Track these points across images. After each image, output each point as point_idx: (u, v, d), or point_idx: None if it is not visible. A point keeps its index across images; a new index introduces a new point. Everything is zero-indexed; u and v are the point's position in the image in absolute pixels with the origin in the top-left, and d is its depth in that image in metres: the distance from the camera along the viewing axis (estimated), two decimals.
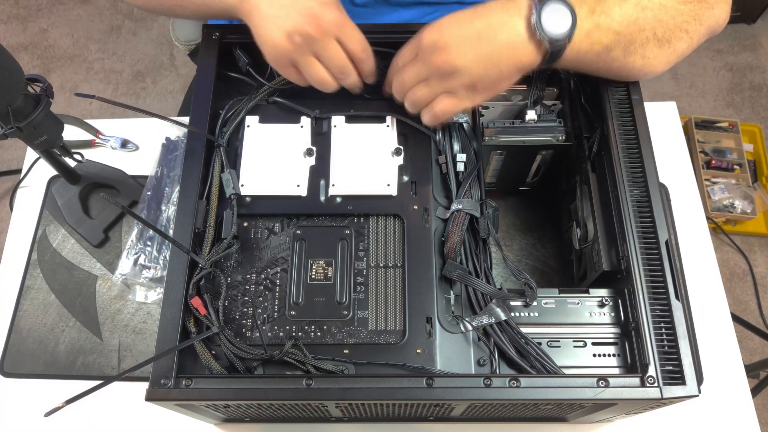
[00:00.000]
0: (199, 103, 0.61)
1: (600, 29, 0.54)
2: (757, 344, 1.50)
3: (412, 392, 0.48)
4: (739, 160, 1.68)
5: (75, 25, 2.00)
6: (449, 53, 0.52)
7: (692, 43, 0.58)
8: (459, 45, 0.52)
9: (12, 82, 0.60)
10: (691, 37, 0.57)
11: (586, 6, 0.53)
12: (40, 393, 0.72)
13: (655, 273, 0.52)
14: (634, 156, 0.57)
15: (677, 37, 0.56)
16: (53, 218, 0.82)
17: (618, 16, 0.54)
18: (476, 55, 0.52)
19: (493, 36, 0.52)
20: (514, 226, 0.80)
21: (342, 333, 0.55)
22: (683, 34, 0.57)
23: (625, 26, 0.54)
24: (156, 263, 0.76)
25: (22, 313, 0.76)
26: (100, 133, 0.86)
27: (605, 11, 0.54)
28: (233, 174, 0.59)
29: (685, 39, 0.57)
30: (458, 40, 0.52)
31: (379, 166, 0.61)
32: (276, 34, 0.55)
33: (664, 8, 0.55)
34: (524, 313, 0.56)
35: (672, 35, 0.56)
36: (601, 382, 0.48)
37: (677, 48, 0.57)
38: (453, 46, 0.52)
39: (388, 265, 0.57)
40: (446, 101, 0.55)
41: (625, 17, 0.54)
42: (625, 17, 0.54)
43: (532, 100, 0.66)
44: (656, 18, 0.55)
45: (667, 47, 0.57)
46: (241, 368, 0.52)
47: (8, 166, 1.74)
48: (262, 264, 0.58)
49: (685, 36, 0.57)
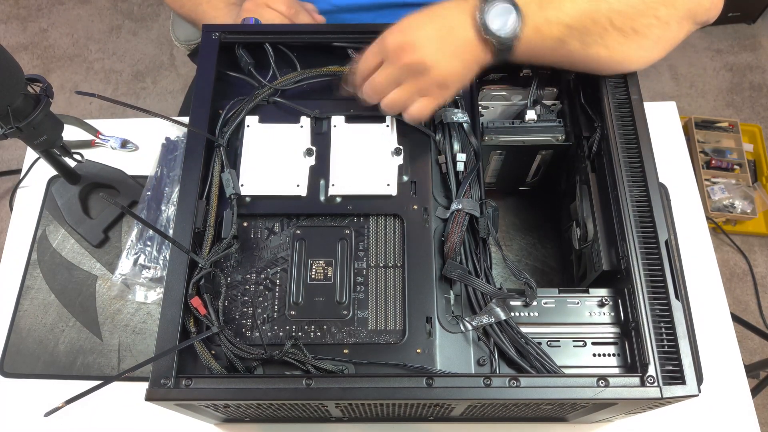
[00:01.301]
0: (199, 103, 0.61)
1: (550, 23, 0.55)
2: (757, 344, 1.50)
3: (412, 392, 0.48)
4: (739, 160, 1.68)
5: (75, 25, 2.00)
6: (417, 51, 0.54)
7: (669, 28, 0.57)
8: (424, 43, 0.54)
9: (12, 82, 0.60)
10: (666, 23, 0.57)
11: (534, 2, 0.54)
12: (40, 393, 0.72)
13: (655, 273, 0.52)
14: (633, 156, 0.57)
15: (645, 25, 0.56)
16: (53, 218, 0.82)
17: (569, 9, 0.54)
18: (442, 52, 0.54)
19: (453, 34, 0.54)
20: (514, 226, 0.80)
21: (342, 333, 0.55)
22: (653, 20, 0.56)
23: (576, 19, 0.54)
24: (156, 263, 0.76)
25: (22, 313, 0.76)
26: (100, 133, 0.86)
27: (555, 6, 0.54)
28: (233, 174, 0.59)
29: (657, 25, 0.56)
30: (423, 38, 0.54)
31: (379, 166, 0.61)
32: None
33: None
34: (524, 313, 0.56)
35: (637, 24, 0.56)
36: (601, 382, 0.48)
37: (649, 35, 0.57)
38: (419, 45, 0.54)
39: (387, 264, 0.57)
40: (422, 102, 0.57)
41: (576, 10, 0.54)
42: (577, 10, 0.54)
43: (531, 100, 0.66)
44: (611, 9, 0.55)
45: (634, 36, 0.56)
46: (241, 368, 0.52)
47: (8, 166, 1.74)
48: (262, 264, 0.58)
49: (656, 22, 0.56)
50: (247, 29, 0.67)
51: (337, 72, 0.64)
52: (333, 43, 0.66)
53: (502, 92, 0.67)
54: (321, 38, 0.66)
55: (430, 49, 0.54)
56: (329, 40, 0.66)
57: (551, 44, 0.56)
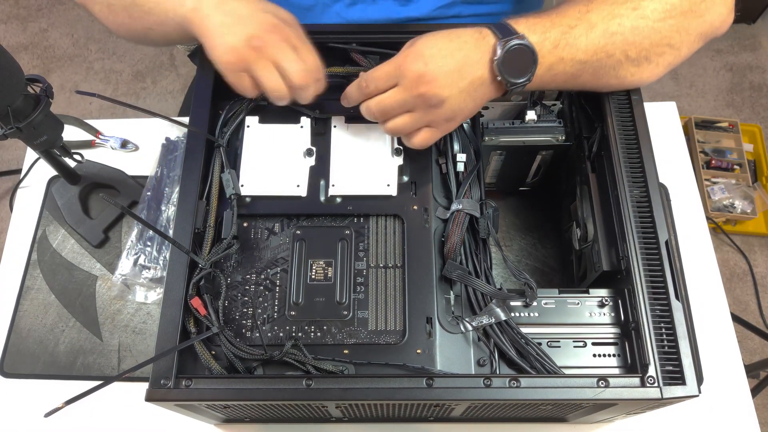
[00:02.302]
0: (199, 103, 0.61)
1: (563, 62, 0.54)
2: (757, 344, 1.50)
3: (412, 392, 0.48)
4: (739, 160, 1.68)
5: (75, 25, 2.00)
6: (437, 86, 0.52)
7: (680, 54, 0.57)
8: (445, 77, 0.52)
9: (12, 83, 0.60)
10: (678, 49, 0.56)
11: (549, 41, 0.53)
12: (40, 393, 0.72)
13: (655, 273, 0.52)
14: (633, 156, 0.57)
15: (658, 53, 0.56)
16: (53, 218, 0.82)
17: (583, 45, 0.54)
18: (459, 89, 0.53)
19: (471, 71, 0.53)
20: (514, 226, 0.80)
21: (342, 333, 0.55)
22: (666, 49, 0.56)
23: (591, 54, 0.54)
24: (156, 263, 0.76)
25: (22, 314, 0.76)
26: (100, 134, 0.86)
27: (570, 43, 0.53)
28: (233, 174, 0.59)
29: (669, 53, 0.56)
30: (444, 72, 0.52)
31: (379, 167, 0.61)
32: (232, 40, 0.55)
33: (636, 30, 0.54)
34: (524, 314, 0.56)
35: (650, 53, 0.55)
36: (601, 382, 0.48)
37: (660, 62, 0.57)
38: (440, 79, 0.52)
39: (388, 265, 0.57)
40: (427, 133, 0.56)
41: (591, 46, 0.54)
42: (591, 46, 0.54)
43: (532, 101, 0.66)
44: (626, 42, 0.54)
45: (646, 64, 0.56)
46: (241, 368, 0.52)
47: (8, 166, 1.74)
48: (262, 264, 0.58)
49: (668, 50, 0.56)
50: None
51: (337, 73, 0.64)
52: (333, 44, 0.66)
53: None
54: (321, 38, 0.66)
55: (448, 84, 0.52)
56: (329, 41, 0.66)
57: (563, 79, 0.56)
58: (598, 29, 0.54)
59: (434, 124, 0.56)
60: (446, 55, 0.52)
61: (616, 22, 0.54)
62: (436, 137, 0.57)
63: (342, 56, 0.65)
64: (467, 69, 0.53)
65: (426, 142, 0.57)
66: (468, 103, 0.55)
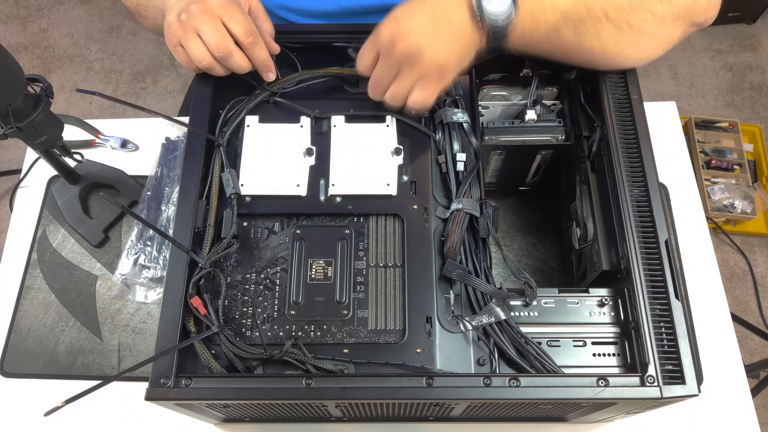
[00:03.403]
0: (199, 102, 0.61)
1: (544, 8, 0.55)
2: (757, 344, 1.50)
3: (412, 392, 0.48)
4: (739, 160, 1.68)
5: (75, 25, 2.00)
6: (409, 38, 0.53)
7: (664, 25, 0.57)
8: (418, 29, 0.53)
9: (12, 82, 0.60)
10: (662, 19, 0.57)
11: None
12: (40, 393, 0.72)
13: (655, 272, 0.52)
14: (633, 156, 0.57)
15: (640, 19, 0.56)
16: (53, 218, 0.82)
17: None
18: (436, 37, 0.54)
19: (446, 19, 0.54)
20: (513, 225, 0.80)
21: (342, 332, 0.55)
22: (647, 15, 0.56)
23: (571, 5, 0.54)
24: (156, 263, 0.76)
25: (22, 313, 0.76)
26: (100, 133, 0.86)
27: None
28: (233, 173, 0.59)
29: (652, 21, 0.56)
30: (416, 25, 0.54)
31: (379, 166, 0.61)
32: (171, 17, 0.60)
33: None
34: (524, 313, 0.56)
35: (631, 17, 0.56)
36: (601, 382, 0.48)
37: (644, 30, 0.57)
38: (412, 32, 0.53)
39: (387, 264, 0.57)
40: (422, 89, 0.56)
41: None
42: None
43: (531, 100, 0.66)
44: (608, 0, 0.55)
45: (628, 30, 0.56)
46: (241, 368, 0.52)
47: (8, 166, 1.74)
48: (262, 263, 0.58)
49: (651, 17, 0.56)
50: None
51: (337, 73, 0.64)
52: (333, 44, 0.66)
53: (502, 92, 0.67)
54: (321, 38, 0.66)
55: (423, 35, 0.53)
56: (329, 41, 0.66)
57: (545, 31, 0.56)
58: None
59: (425, 80, 0.56)
60: (418, 10, 0.54)
61: None
62: (434, 91, 0.57)
63: (341, 56, 0.66)
64: (442, 17, 0.54)
65: (425, 100, 0.57)
66: (453, 52, 0.55)
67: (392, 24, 0.54)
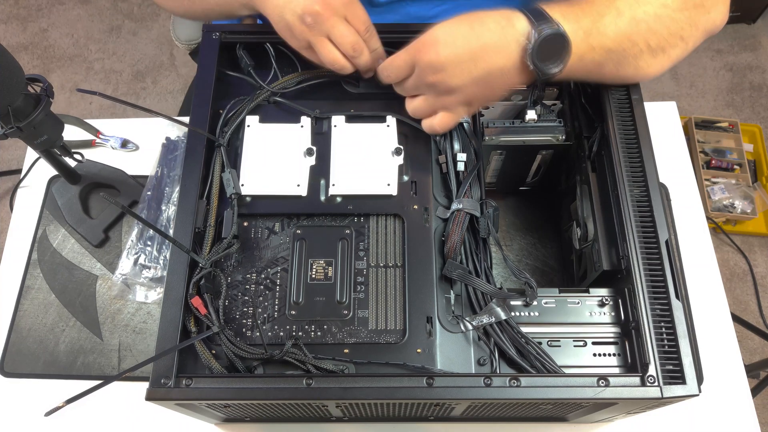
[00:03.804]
0: (199, 102, 0.61)
1: (593, 51, 0.54)
2: (757, 344, 1.50)
3: (413, 392, 0.48)
4: (739, 160, 1.68)
5: (75, 25, 2.00)
6: (446, 75, 0.53)
7: (687, 48, 0.58)
8: (455, 66, 0.52)
9: (12, 82, 0.60)
10: (687, 43, 0.57)
11: (582, 30, 0.53)
12: (40, 393, 0.72)
13: (655, 272, 0.52)
14: (634, 156, 0.57)
15: (672, 45, 0.56)
16: (53, 218, 0.82)
17: (612, 32, 0.53)
18: (471, 77, 0.53)
19: (488, 59, 0.52)
20: (514, 225, 0.80)
21: (342, 332, 0.55)
22: (678, 41, 0.56)
23: (618, 43, 0.54)
24: (156, 263, 0.76)
25: (22, 313, 0.76)
26: (100, 133, 0.86)
27: (601, 31, 0.53)
28: (234, 174, 0.59)
29: (680, 45, 0.57)
30: (455, 61, 0.52)
31: (379, 166, 0.61)
32: (290, 18, 0.57)
33: (658, 18, 0.54)
34: (524, 313, 0.56)
35: (666, 43, 0.56)
36: (602, 382, 0.48)
37: (671, 54, 0.57)
38: (449, 68, 0.52)
39: (388, 264, 0.57)
40: (444, 118, 0.57)
41: (619, 34, 0.54)
42: (619, 34, 0.54)
43: (532, 100, 0.66)
44: (650, 29, 0.54)
45: (661, 55, 0.56)
46: (242, 368, 0.52)
47: (8, 166, 1.74)
48: (263, 264, 0.58)
49: (680, 43, 0.57)
50: (248, 29, 0.67)
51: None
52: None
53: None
54: None
55: (459, 73, 0.52)
56: None
57: (590, 68, 0.55)
58: (626, 16, 0.54)
59: (450, 109, 0.56)
60: (461, 43, 0.52)
61: (642, 9, 0.54)
62: (456, 121, 0.58)
63: None
64: (484, 58, 0.52)
65: (444, 126, 0.58)
66: (484, 90, 0.54)
67: (432, 52, 0.52)
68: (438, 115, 0.57)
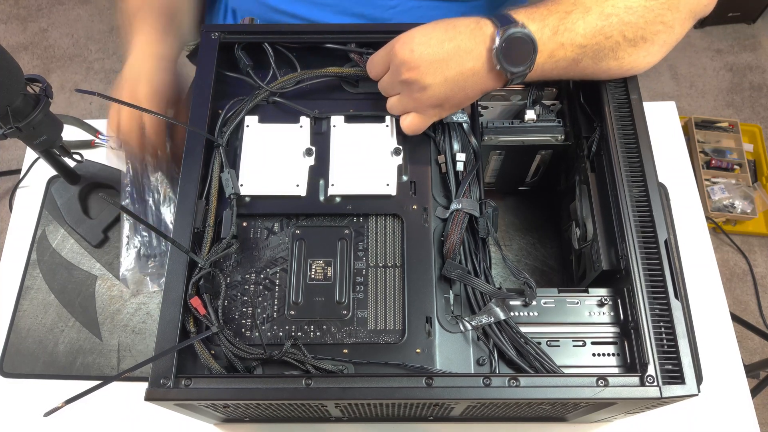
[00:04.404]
0: (198, 102, 0.61)
1: (564, 47, 0.54)
2: (757, 344, 1.50)
3: (412, 392, 0.48)
4: (739, 160, 1.68)
5: (75, 25, 2.00)
6: (419, 73, 0.54)
7: (675, 32, 0.57)
8: (428, 66, 0.54)
9: (12, 82, 0.60)
10: (671, 27, 0.57)
11: (548, 28, 0.54)
12: (39, 393, 0.73)
13: (655, 272, 0.52)
14: (633, 156, 0.57)
15: (653, 32, 0.56)
16: (53, 218, 0.82)
17: (581, 29, 0.54)
18: (444, 78, 0.54)
19: (460, 61, 0.54)
20: (513, 225, 0.80)
21: (341, 333, 0.55)
22: (660, 27, 0.56)
23: (590, 38, 0.54)
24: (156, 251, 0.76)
25: (22, 313, 0.76)
26: (100, 133, 0.86)
27: (569, 28, 0.54)
28: (233, 174, 0.59)
29: (664, 31, 0.57)
30: (428, 60, 0.54)
31: (379, 166, 0.61)
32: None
33: (630, 10, 0.54)
34: (523, 313, 0.56)
35: (645, 32, 0.56)
36: (601, 382, 0.48)
37: (657, 41, 0.57)
38: (422, 67, 0.54)
39: (387, 264, 0.57)
40: (414, 119, 0.59)
41: (589, 29, 0.54)
42: (590, 29, 0.54)
43: (531, 100, 0.66)
44: (622, 22, 0.54)
45: (642, 44, 0.56)
46: (241, 368, 0.52)
47: (8, 166, 1.74)
48: (262, 264, 0.58)
49: (663, 28, 0.56)
50: (247, 29, 0.67)
51: (337, 73, 0.64)
52: (331, 44, 0.65)
53: (501, 92, 0.67)
54: (320, 39, 0.66)
55: (432, 72, 0.54)
56: (328, 41, 0.66)
57: (564, 65, 0.56)
58: (594, 12, 0.54)
59: (420, 110, 0.58)
60: (435, 44, 0.54)
61: (610, 3, 0.54)
62: (424, 124, 0.59)
63: (341, 56, 0.66)
64: (456, 59, 0.54)
65: (413, 128, 0.59)
66: (456, 92, 0.56)
67: (407, 50, 0.54)
68: (409, 116, 0.59)
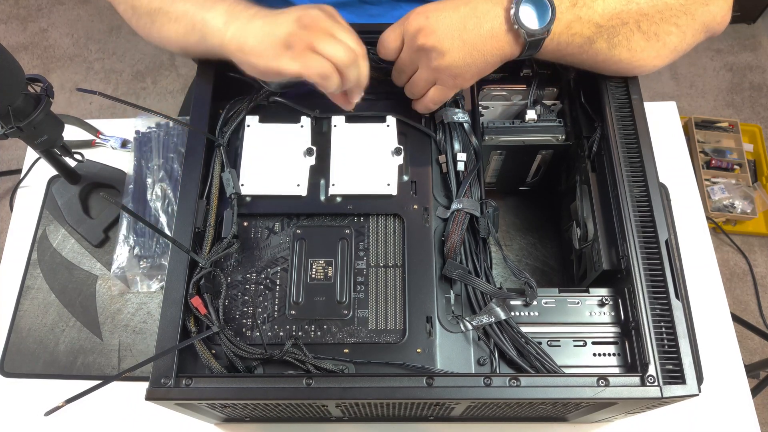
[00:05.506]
0: (199, 102, 0.61)
1: (581, 21, 0.54)
2: (757, 344, 1.50)
3: (412, 391, 0.48)
4: (739, 160, 1.68)
5: (75, 25, 2.00)
6: (436, 38, 0.53)
7: (685, 38, 0.58)
8: (444, 31, 0.53)
9: (12, 82, 0.60)
10: (683, 32, 0.57)
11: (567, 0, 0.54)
12: (40, 393, 0.73)
13: (655, 272, 0.52)
14: (633, 156, 0.57)
15: (666, 31, 0.56)
16: (53, 218, 0.82)
17: (600, 8, 0.54)
18: (461, 42, 0.53)
19: (477, 25, 0.53)
20: (514, 225, 0.80)
21: (342, 332, 0.55)
22: (673, 28, 0.56)
23: (607, 19, 0.54)
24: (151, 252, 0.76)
25: (22, 313, 0.76)
26: (100, 133, 0.86)
27: (587, 3, 0.54)
28: (233, 173, 0.59)
29: (675, 33, 0.57)
30: (444, 25, 0.53)
31: (379, 166, 0.61)
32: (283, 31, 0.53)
33: (650, 2, 0.55)
34: (524, 313, 0.56)
35: (659, 29, 0.56)
36: (601, 382, 0.48)
37: (667, 42, 0.57)
38: (439, 31, 0.53)
39: (388, 264, 0.57)
40: (435, 91, 0.58)
41: (608, 9, 0.54)
42: (608, 9, 0.54)
43: (532, 100, 0.66)
44: (641, 12, 0.55)
45: (655, 41, 0.56)
46: (241, 368, 0.52)
47: (8, 166, 1.74)
48: (262, 263, 0.58)
49: (675, 30, 0.57)
50: None
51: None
52: None
53: (502, 92, 0.67)
54: None
55: (448, 37, 0.53)
56: None
57: (580, 42, 0.56)
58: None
59: (441, 81, 0.57)
60: (450, 8, 0.53)
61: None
62: (445, 95, 0.58)
63: None
64: (473, 21, 0.53)
65: (435, 99, 0.58)
66: (476, 57, 0.54)
67: (421, 17, 0.54)
68: (430, 90, 0.58)
